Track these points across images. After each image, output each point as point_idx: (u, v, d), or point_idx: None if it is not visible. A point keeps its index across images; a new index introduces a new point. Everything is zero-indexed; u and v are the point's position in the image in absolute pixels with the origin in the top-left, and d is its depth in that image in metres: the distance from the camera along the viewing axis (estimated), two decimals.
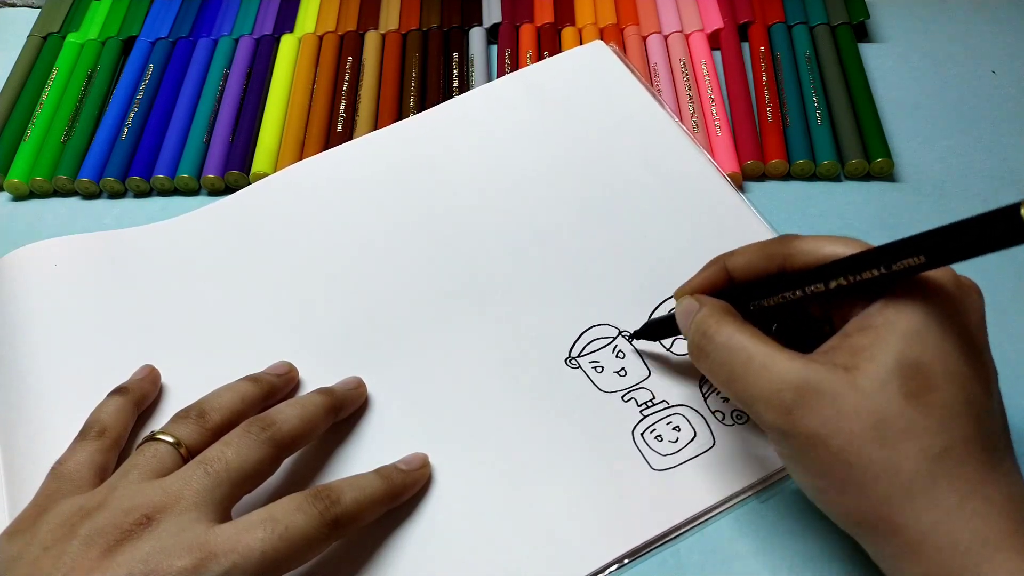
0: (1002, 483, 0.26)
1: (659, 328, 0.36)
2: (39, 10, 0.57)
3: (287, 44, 0.53)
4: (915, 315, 0.27)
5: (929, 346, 0.26)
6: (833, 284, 0.28)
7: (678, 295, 0.34)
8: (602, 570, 0.32)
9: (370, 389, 0.37)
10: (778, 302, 0.31)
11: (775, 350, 0.28)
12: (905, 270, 0.26)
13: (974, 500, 0.25)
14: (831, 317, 0.30)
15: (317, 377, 0.37)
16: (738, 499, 0.34)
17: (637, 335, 0.38)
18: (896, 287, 0.27)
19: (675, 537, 0.33)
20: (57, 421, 0.36)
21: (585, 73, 0.48)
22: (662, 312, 0.39)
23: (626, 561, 0.33)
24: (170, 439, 0.31)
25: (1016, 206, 0.22)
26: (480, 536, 0.33)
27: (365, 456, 0.35)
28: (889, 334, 0.27)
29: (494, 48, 0.54)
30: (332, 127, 0.49)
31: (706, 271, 0.33)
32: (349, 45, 0.53)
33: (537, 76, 0.48)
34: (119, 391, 0.35)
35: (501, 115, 0.46)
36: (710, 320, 0.30)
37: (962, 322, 0.27)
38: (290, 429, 0.32)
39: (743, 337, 0.29)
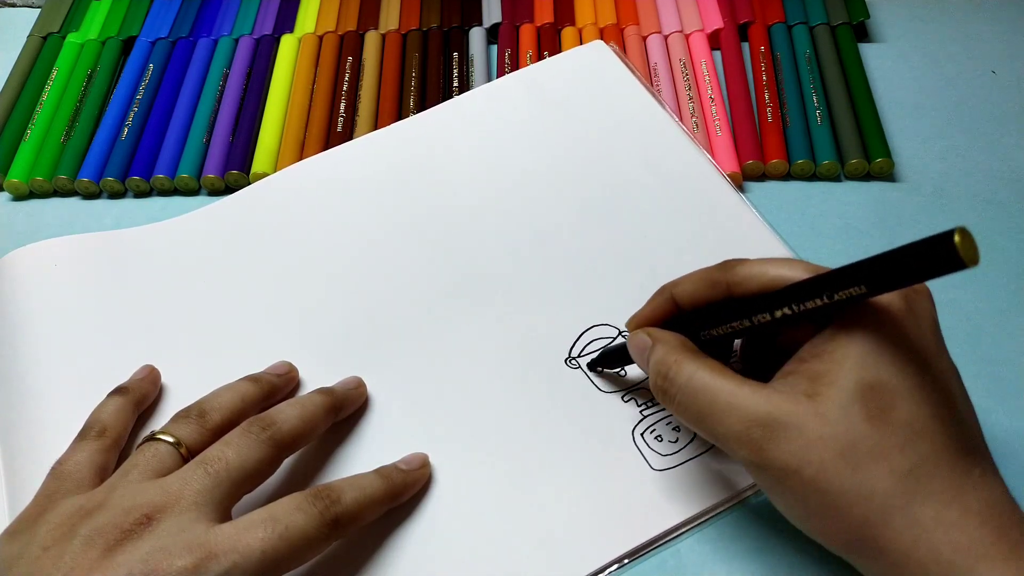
0: (980, 489, 0.26)
1: (614, 357, 0.36)
2: (39, 10, 0.57)
3: (287, 44, 0.53)
4: (867, 337, 0.27)
5: (884, 365, 0.27)
6: (779, 314, 0.28)
7: (629, 326, 0.34)
8: (602, 570, 0.32)
9: (370, 389, 0.37)
10: (727, 331, 0.31)
11: (737, 385, 0.28)
12: (848, 299, 0.26)
13: (951, 511, 0.26)
14: (784, 339, 0.31)
15: (317, 377, 0.37)
16: (738, 499, 0.34)
17: (593, 365, 0.37)
18: (845, 311, 0.28)
19: (675, 537, 0.33)
20: (57, 421, 0.36)
21: (585, 73, 0.48)
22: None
23: (626, 561, 0.33)
24: (170, 439, 0.31)
25: (950, 233, 0.22)
26: (479, 536, 0.33)
27: (365, 456, 0.35)
28: (845, 358, 0.27)
29: (494, 48, 0.54)
30: (332, 127, 0.49)
31: (652, 302, 0.34)
32: (349, 45, 0.53)
33: (537, 76, 0.48)
34: (119, 391, 0.35)
35: (501, 115, 0.46)
36: (668, 359, 0.30)
37: (915, 334, 0.27)
38: (290, 429, 0.32)
39: (704, 375, 0.29)
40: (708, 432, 0.29)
